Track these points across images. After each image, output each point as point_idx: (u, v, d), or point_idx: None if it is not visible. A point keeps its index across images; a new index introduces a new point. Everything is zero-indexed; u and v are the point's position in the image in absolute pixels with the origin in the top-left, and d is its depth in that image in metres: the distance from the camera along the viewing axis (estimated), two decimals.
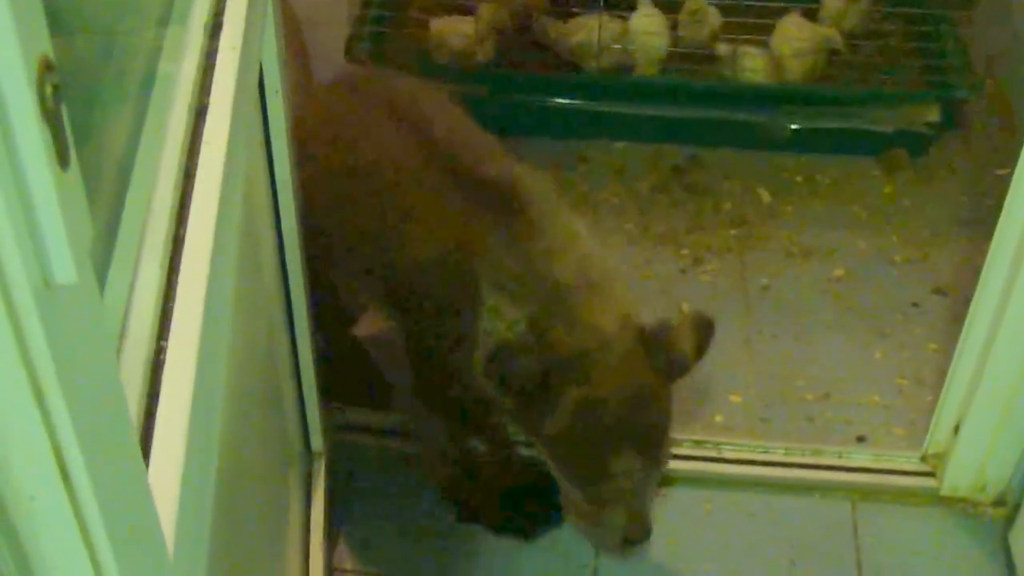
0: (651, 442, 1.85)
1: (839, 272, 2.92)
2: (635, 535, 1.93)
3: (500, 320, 1.82)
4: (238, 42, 1.47)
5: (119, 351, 1.00)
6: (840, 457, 2.47)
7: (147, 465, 0.94)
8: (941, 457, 2.43)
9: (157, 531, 0.88)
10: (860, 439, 2.53)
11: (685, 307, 2.68)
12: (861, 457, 2.48)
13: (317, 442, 2.36)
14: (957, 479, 2.40)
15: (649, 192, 3.14)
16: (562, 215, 1.89)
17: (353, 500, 2.39)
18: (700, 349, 1.88)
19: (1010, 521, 2.33)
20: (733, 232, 3.04)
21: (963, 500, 2.41)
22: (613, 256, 2.07)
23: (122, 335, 0.99)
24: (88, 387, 0.71)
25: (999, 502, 2.39)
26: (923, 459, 2.46)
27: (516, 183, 1.88)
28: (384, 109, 2.10)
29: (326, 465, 2.37)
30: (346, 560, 2.29)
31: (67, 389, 0.67)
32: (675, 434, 1.97)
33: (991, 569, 2.30)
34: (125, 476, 0.79)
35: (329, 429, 2.39)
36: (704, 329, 1.89)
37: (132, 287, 1.04)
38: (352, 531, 2.34)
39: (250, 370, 1.72)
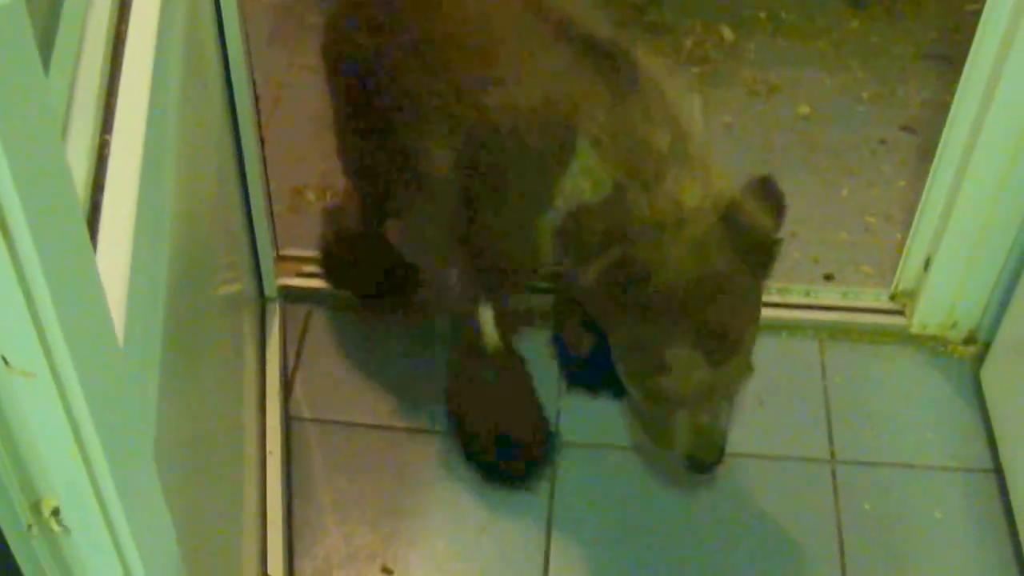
0: (719, 341, 1.65)
1: (805, 110, 2.84)
2: (700, 453, 1.74)
3: (588, 179, 1.70)
4: None
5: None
6: (808, 295, 2.42)
7: (95, 250, 0.89)
8: (911, 294, 2.38)
9: (106, 314, 0.85)
10: (828, 277, 2.47)
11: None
12: (829, 295, 2.43)
13: (270, 287, 2.28)
14: (927, 317, 2.35)
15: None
16: (671, 92, 1.74)
17: (309, 347, 2.31)
18: (778, 221, 1.70)
19: (981, 358, 2.30)
20: (695, 70, 2.94)
21: (933, 338, 2.37)
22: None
23: (65, 126, 0.91)
24: (30, 152, 0.63)
25: (969, 339, 2.35)
26: (892, 297, 2.41)
27: (629, 50, 1.74)
28: None
29: (280, 311, 2.29)
30: (303, 409, 2.22)
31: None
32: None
33: (962, 407, 2.27)
34: (70, 247, 0.75)
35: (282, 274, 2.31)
36: (775, 197, 1.71)
37: (74, 79, 0.95)
38: (309, 379, 2.27)
39: (199, 196, 1.63)
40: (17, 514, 0.81)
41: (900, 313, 2.39)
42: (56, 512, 0.82)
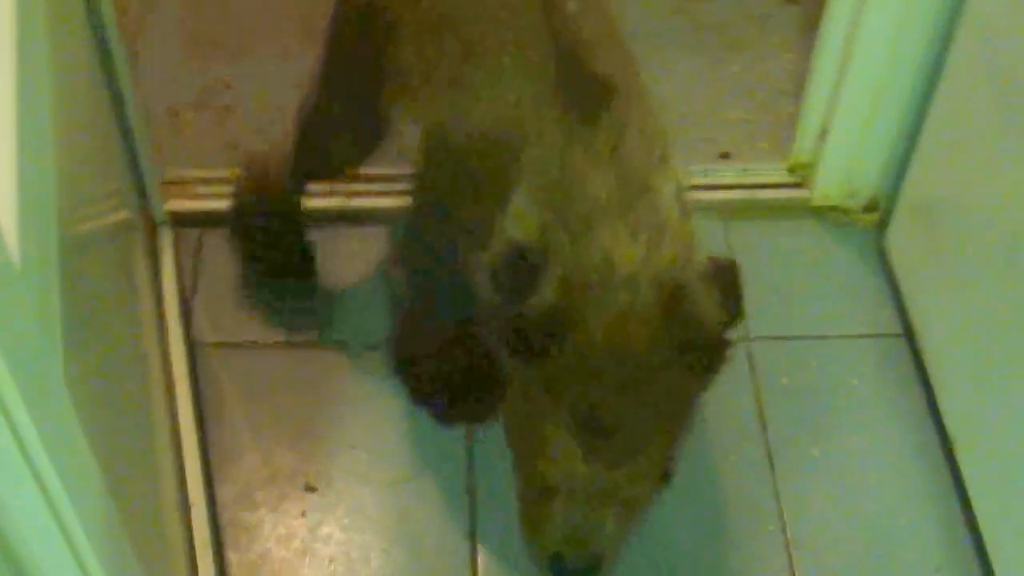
0: (605, 439, 1.43)
1: None
2: (565, 555, 1.51)
3: (518, 220, 1.51)
4: None
5: None
6: (706, 176, 2.40)
7: None
8: (809, 166, 2.38)
9: None
10: (724, 156, 2.46)
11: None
12: (727, 174, 2.42)
13: (159, 212, 2.19)
14: (827, 187, 2.36)
15: None
16: (651, 147, 1.54)
17: (205, 270, 2.24)
18: (728, 312, 1.48)
19: (883, 225, 2.31)
20: None
21: (835, 208, 2.37)
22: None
23: None
24: None
25: (870, 207, 2.36)
26: (790, 170, 2.41)
27: (613, 88, 1.55)
28: None
29: (172, 235, 2.21)
30: (206, 333, 2.15)
31: None
32: None
33: (868, 274, 2.30)
34: None
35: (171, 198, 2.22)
36: (731, 288, 1.50)
37: None
38: (208, 302, 2.20)
39: (78, 118, 1.56)
40: None
41: (800, 186, 2.39)
42: None
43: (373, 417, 2.06)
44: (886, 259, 2.27)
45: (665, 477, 1.55)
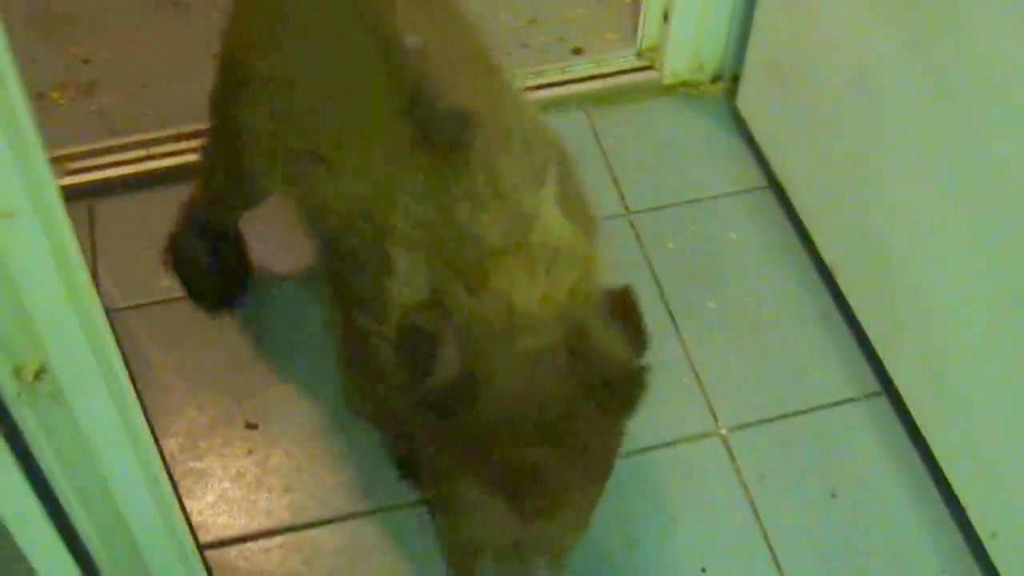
0: (531, 491, 1.34)
1: None
2: None
3: (406, 285, 1.43)
4: None
5: None
6: (563, 72, 2.53)
7: None
8: (656, 49, 2.52)
9: None
10: (577, 51, 2.58)
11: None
12: (582, 67, 2.54)
13: None
14: (676, 65, 2.50)
15: None
16: (527, 168, 1.46)
17: (101, 239, 2.27)
18: (634, 342, 1.38)
19: (733, 90, 2.46)
20: None
21: (685, 83, 2.52)
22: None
23: None
24: None
25: (717, 77, 2.52)
26: (640, 55, 2.54)
27: (472, 118, 1.45)
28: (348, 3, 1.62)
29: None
30: (117, 299, 2.19)
31: None
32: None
33: (728, 138, 2.46)
34: None
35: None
36: (631, 316, 1.39)
37: None
38: (111, 269, 2.23)
39: None
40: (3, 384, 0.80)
41: (651, 68, 2.53)
42: (41, 373, 0.80)
43: (297, 347, 2.13)
44: (741, 121, 2.43)
45: (585, 523, 1.45)
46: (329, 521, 1.94)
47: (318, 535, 1.92)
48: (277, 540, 1.92)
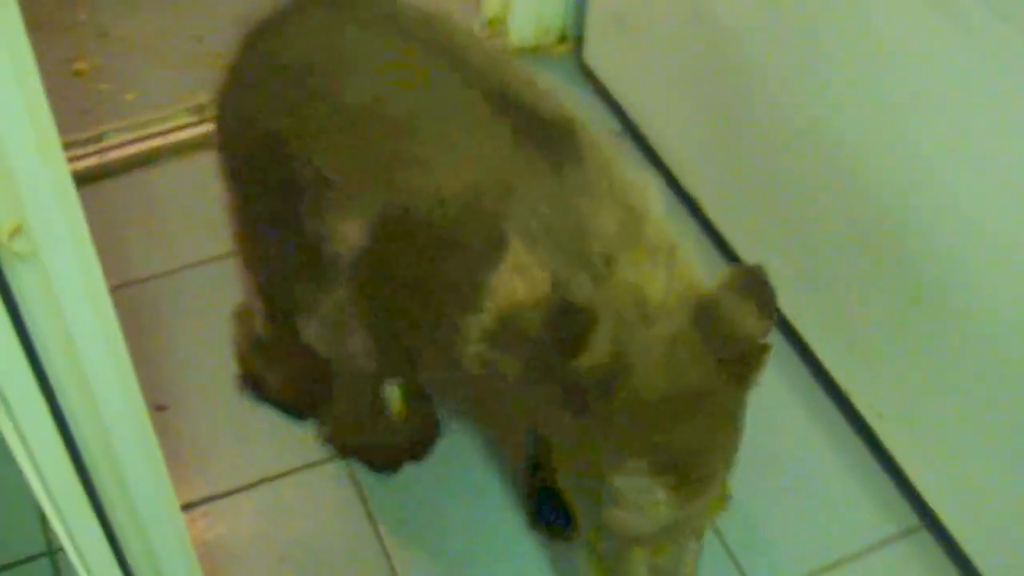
0: (686, 472, 1.34)
1: None
2: None
3: (520, 278, 1.41)
4: None
5: None
6: None
7: None
8: (501, 20, 2.65)
9: None
10: None
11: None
12: None
13: None
14: (522, 32, 2.64)
15: None
16: (620, 167, 1.49)
17: None
18: (763, 320, 1.39)
19: (579, 48, 2.59)
20: None
21: (534, 48, 2.65)
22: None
23: None
24: None
25: (562, 38, 2.64)
26: (489, 24, 2.66)
27: (572, 123, 1.49)
28: (391, 27, 1.62)
29: None
30: None
31: None
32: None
33: (581, 91, 2.57)
34: None
35: None
36: (761, 291, 1.40)
37: None
38: None
39: None
40: None
41: (500, 36, 2.65)
42: (17, 232, 0.81)
43: (201, 330, 2.17)
44: (591, 74, 2.56)
45: (726, 498, 1.45)
46: (247, 487, 1.98)
47: (238, 502, 1.96)
48: (200, 510, 1.95)
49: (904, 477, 1.93)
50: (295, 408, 2.06)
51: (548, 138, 1.46)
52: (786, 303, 2.05)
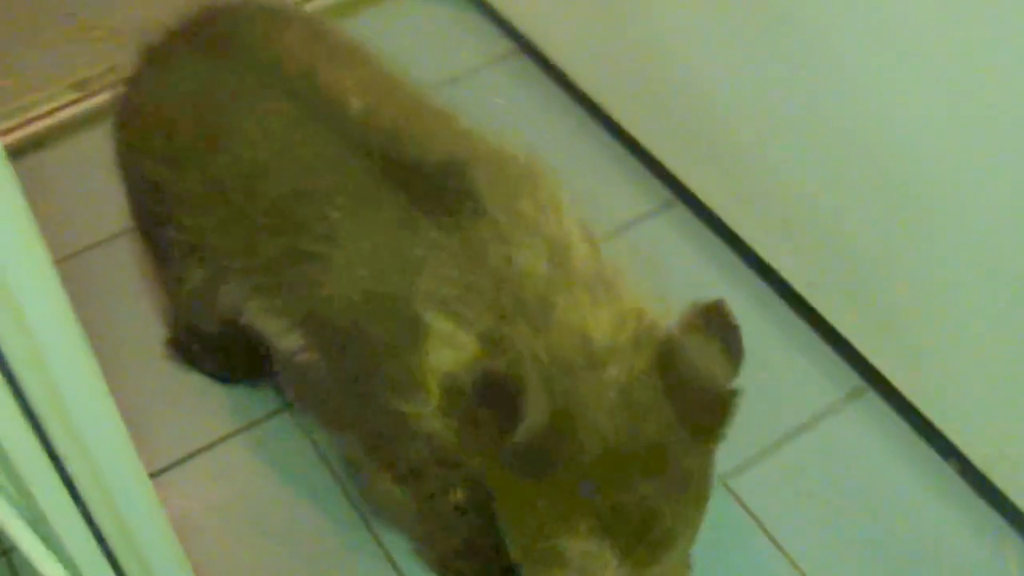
0: (641, 534, 1.23)
1: None
2: None
3: (448, 348, 1.31)
4: None
5: None
6: None
7: None
8: None
9: None
10: None
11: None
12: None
13: None
14: None
15: None
16: (531, 205, 1.37)
17: None
18: (730, 363, 1.29)
19: None
20: None
21: None
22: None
23: None
24: None
25: None
26: None
27: (474, 171, 1.37)
28: (270, 77, 1.49)
29: None
30: None
31: None
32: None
33: (473, 18, 2.55)
34: None
35: None
36: (725, 329, 1.30)
37: None
38: None
39: None
40: None
41: None
42: None
43: (113, 307, 2.11)
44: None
45: (687, 566, 1.36)
46: (195, 454, 1.95)
47: (190, 471, 1.93)
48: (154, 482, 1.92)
49: (844, 342, 1.95)
50: (226, 372, 2.00)
51: (443, 193, 1.35)
52: (727, 209, 2.07)
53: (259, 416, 1.97)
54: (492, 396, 1.22)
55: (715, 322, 1.28)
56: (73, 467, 1.02)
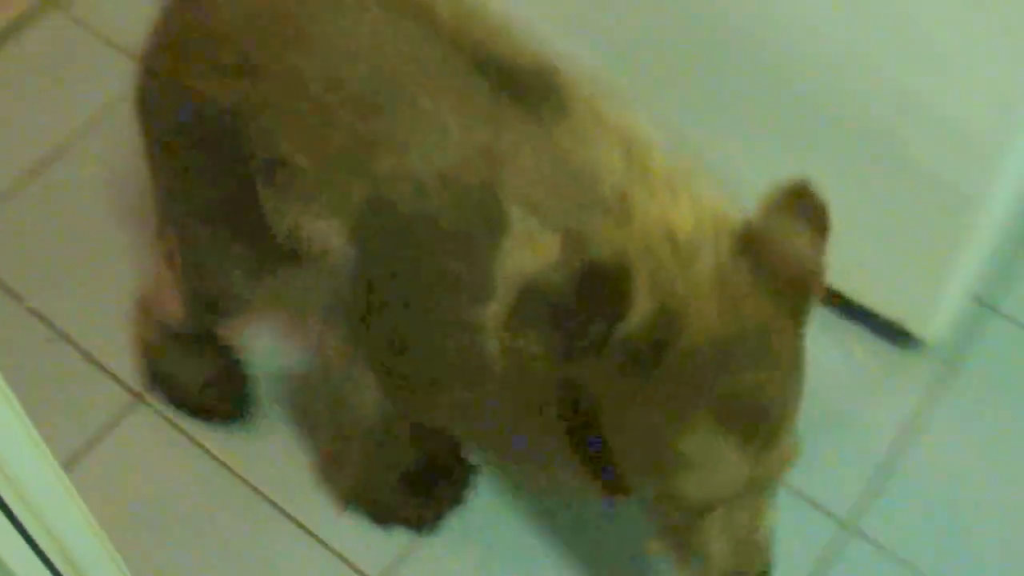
0: (758, 420, 1.22)
1: None
2: (743, 567, 1.30)
3: (529, 248, 1.26)
4: None
5: None
6: None
7: None
8: None
9: None
10: None
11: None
12: None
13: None
14: None
15: None
16: (616, 115, 1.34)
17: None
18: (818, 240, 1.26)
19: None
20: None
21: None
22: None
23: None
24: None
25: None
26: None
27: (559, 75, 1.34)
28: None
29: None
30: None
31: None
32: None
33: None
34: None
35: None
36: (813, 209, 1.27)
37: None
38: None
39: None
40: None
41: None
42: None
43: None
44: None
45: (798, 446, 1.30)
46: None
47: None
48: None
49: None
50: (216, 411, 1.87)
51: (530, 90, 1.31)
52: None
53: (112, 418, 1.87)
54: (598, 289, 1.19)
55: (800, 200, 1.26)
56: None
